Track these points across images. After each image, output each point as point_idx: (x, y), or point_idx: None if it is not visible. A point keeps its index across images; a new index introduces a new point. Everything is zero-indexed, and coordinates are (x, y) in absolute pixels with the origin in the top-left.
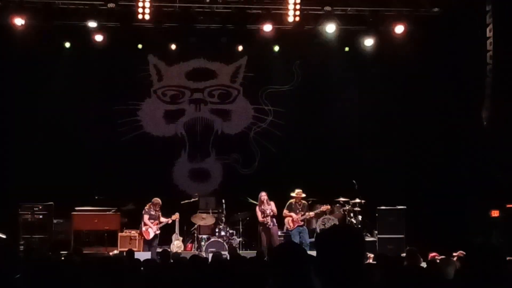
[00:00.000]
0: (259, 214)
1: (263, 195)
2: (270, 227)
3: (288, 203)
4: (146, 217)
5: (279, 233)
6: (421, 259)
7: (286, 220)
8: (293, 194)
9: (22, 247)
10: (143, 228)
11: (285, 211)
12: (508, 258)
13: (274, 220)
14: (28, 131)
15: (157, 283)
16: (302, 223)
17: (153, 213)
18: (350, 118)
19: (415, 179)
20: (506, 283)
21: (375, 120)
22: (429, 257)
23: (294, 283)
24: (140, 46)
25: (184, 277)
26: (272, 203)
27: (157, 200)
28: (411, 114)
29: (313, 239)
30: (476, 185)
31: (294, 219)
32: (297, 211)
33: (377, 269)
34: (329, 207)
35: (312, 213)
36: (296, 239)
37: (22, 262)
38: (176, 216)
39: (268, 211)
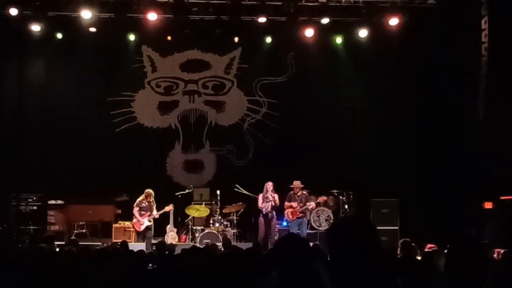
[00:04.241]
0: (260, 200)
1: (270, 185)
2: (270, 217)
3: (288, 195)
4: (136, 209)
5: (277, 225)
6: (418, 251)
7: (286, 212)
8: (292, 186)
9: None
10: (134, 220)
11: (286, 203)
12: (498, 250)
13: (274, 212)
14: (21, 122)
15: (152, 274)
16: (301, 214)
17: (144, 205)
18: (344, 109)
19: (409, 171)
20: (487, 277)
21: (369, 112)
22: (426, 248)
23: (299, 275)
24: (132, 37)
25: (180, 268)
26: (276, 195)
27: (149, 191)
28: (405, 106)
29: (310, 231)
30: (470, 177)
31: (294, 208)
32: (297, 203)
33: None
34: (325, 198)
35: (312, 204)
36: (294, 231)
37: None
38: (170, 207)
39: (270, 198)
